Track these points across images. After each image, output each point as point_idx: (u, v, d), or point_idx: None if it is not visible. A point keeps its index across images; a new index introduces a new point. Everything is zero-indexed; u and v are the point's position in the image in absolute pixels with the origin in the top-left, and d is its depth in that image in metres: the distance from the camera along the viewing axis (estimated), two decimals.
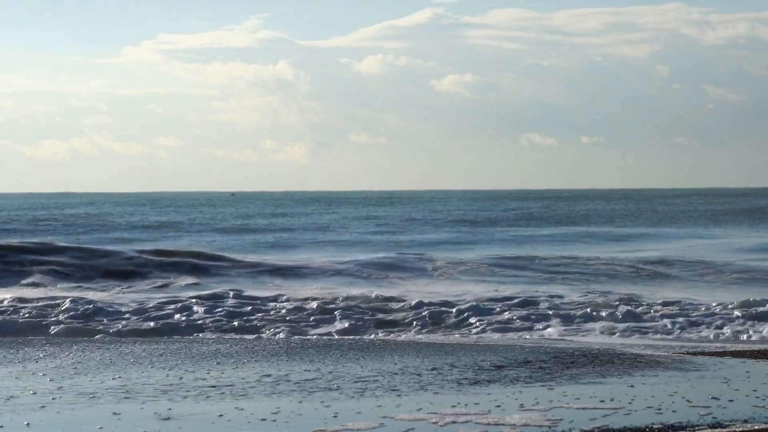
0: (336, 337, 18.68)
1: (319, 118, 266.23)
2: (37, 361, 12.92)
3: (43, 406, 9.53)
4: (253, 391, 10.38)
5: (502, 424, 8.64)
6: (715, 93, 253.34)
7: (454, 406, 9.53)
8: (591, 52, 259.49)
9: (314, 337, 18.52)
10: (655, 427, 8.60)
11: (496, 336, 19.09)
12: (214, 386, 10.71)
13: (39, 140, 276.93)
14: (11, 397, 10.07)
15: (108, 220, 78.12)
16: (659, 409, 9.41)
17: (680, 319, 20.55)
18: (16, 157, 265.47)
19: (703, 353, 14.36)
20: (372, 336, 18.98)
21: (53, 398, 9.95)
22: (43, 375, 11.64)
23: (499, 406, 9.53)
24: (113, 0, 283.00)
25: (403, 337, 18.66)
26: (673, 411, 9.31)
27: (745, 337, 18.89)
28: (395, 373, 11.70)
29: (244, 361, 13.00)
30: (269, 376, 11.50)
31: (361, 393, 10.32)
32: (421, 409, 9.40)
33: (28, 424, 8.77)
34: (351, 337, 18.77)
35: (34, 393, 10.28)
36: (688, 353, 14.30)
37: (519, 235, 55.26)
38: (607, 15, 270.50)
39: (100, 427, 8.58)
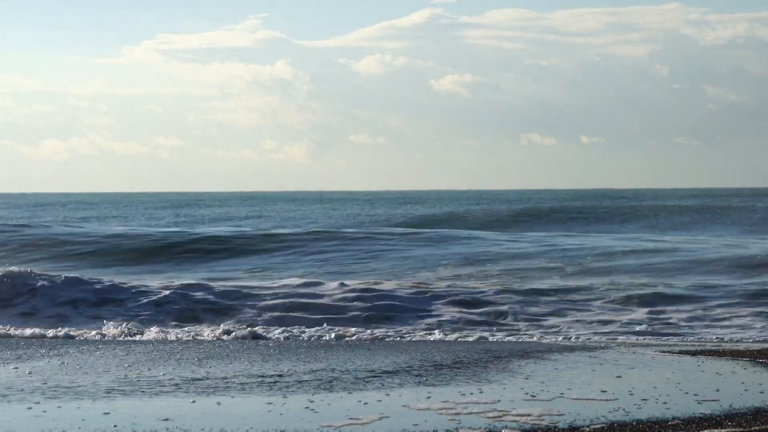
0: None
1: (319, 118, 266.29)
2: None
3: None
4: (294, 387, 11.03)
5: (507, 419, 9.14)
6: (715, 93, 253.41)
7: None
8: (590, 52, 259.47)
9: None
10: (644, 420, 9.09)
11: None
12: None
13: (38, 140, 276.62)
14: None
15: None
16: (664, 403, 9.90)
17: None
18: (16, 157, 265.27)
19: (702, 352, 14.67)
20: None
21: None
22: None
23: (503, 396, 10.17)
24: (113, 0, 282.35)
25: None
26: (673, 403, 9.82)
27: None
28: (402, 369, 12.28)
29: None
30: (297, 372, 12.13)
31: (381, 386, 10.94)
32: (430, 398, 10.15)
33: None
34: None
35: None
36: (688, 352, 14.61)
37: None
38: (606, 15, 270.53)
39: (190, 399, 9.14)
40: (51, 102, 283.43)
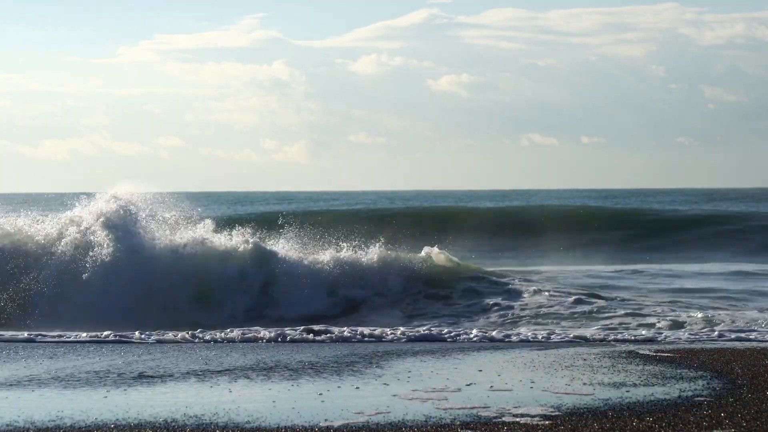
0: None
1: (317, 119, 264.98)
2: None
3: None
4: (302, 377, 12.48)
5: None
6: (713, 93, 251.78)
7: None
8: (587, 52, 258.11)
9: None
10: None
11: None
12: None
13: (38, 140, 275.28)
14: None
15: None
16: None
17: None
18: (16, 157, 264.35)
19: (703, 351, 15.00)
20: None
21: None
22: None
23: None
24: (109, 0, 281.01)
25: None
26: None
27: None
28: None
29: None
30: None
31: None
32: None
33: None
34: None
35: None
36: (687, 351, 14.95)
37: None
38: (601, 15, 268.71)
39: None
40: (49, 102, 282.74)
